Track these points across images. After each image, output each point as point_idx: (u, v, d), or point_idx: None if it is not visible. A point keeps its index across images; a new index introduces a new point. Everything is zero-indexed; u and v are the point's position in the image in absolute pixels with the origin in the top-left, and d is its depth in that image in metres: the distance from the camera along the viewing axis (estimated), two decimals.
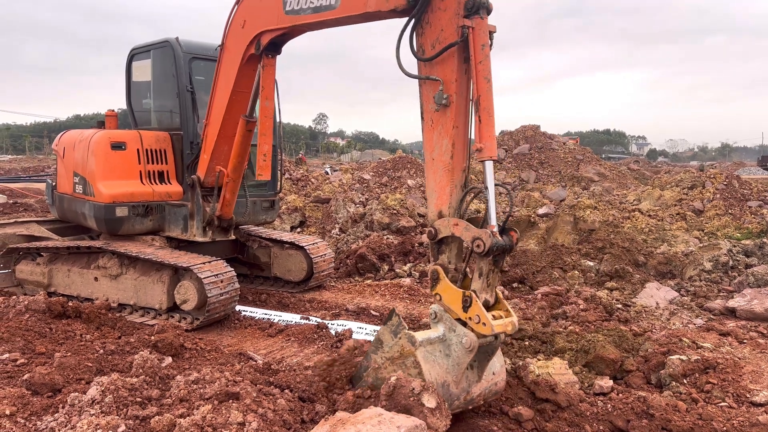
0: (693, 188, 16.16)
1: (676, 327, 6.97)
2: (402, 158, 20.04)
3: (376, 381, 4.23)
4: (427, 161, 4.37)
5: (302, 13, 5.58)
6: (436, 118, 4.24)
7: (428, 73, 4.26)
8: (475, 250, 3.95)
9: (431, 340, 4.11)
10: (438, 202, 4.30)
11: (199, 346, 5.87)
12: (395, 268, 10.02)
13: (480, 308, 3.93)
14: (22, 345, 5.35)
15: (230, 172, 7.05)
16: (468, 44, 4.04)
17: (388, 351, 4.23)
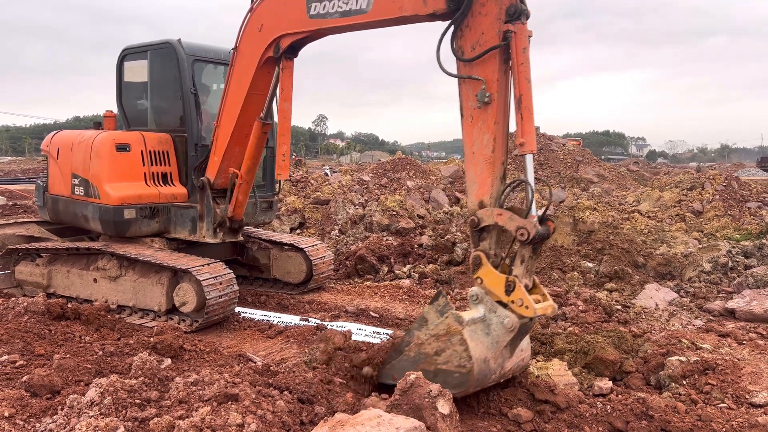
0: (692, 189, 16.17)
1: (675, 328, 6.97)
2: (401, 160, 20.03)
3: (418, 355, 4.56)
4: (467, 155, 4.67)
5: (329, 17, 5.70)
6: (477, 115, 4.55)
7: (468, 72, 4.58)
8: (519, 238, 4.27)
9: (474, 320, 4.41)
10: (479, 193, 4.59)
11: (199, 348, 5.87)
12: (395, 269, 10.02)
13: (523, 292, 4.27)
14: (21, 346, 5.35)
15: (244, 174, 7.12)
16: (509, 47, 4.35)
17: (434, 328, 4.49)
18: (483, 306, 4.45)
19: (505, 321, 4.34)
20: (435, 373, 4.41)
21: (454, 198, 17.22)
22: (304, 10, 5.88)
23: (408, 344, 4.68)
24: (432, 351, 4.47)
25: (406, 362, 4.63)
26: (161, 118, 8.10)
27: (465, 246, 10.24)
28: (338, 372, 4.95)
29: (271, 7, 6.25)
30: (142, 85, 8.17)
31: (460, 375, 4.34)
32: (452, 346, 4.37)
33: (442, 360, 4.43)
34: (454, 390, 4.23)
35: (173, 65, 7.71)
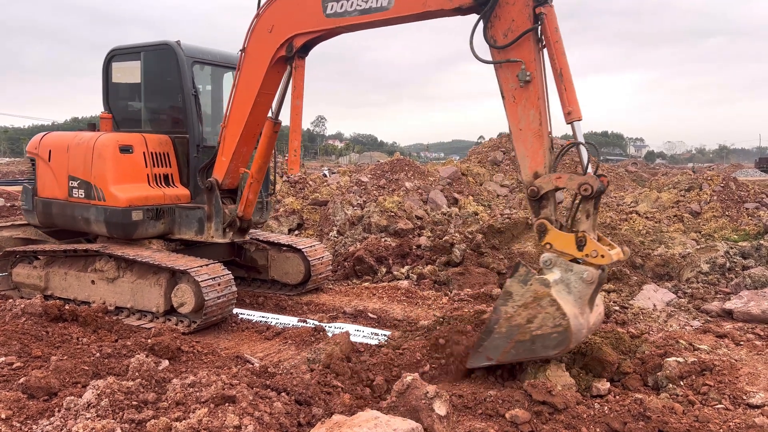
0: (690, 190, 16.18)
1: (673, 329, 6.97)
2: (400, 161, 20.02)
3: (510, 329, 4.78)
4: (514, 132, 5.00)
5: (347, 15, 5.86)
6: (519, 94, 4.92)
7: (503, 57, 4.93)
8: (582, 194, 4.70)
9: (556, 281, 4.68)
10: (532, 165, 4.93)
11: (196, 350, 5.87)
12: (393, 270, 10.02)
13: (596, 243, 4.66)
14: (18, 348, 5.35)
15: (255, 173, 7.23)
16: (539, 29, 4.79)
17: (520, 299, 4.73)
18: (558, 268, 4.73)
19: (584, 275, 4.64)
20: (532, 341, 4.67)
21: (452, 199, 17.22)
22: (320, 10, 6.03)
23: (497, 321, 4.85)
24: (524, 321, 4.70)
25: (499, 339, 4.84)
26: (157, 120, 8.10)
27: (463, 247, 10.24)
28: (338, 376, 4.96)
29: (282, 8, 6.38)
30: (134, 86, 8.11)
31: (558, 334, 4.57)
32: (543, 310, 4.61)
33: (536, 326, 4.65)
34: (555, 350, 4.61)
35: (172, 67, 7.71)
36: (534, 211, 4.98)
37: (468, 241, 10.61)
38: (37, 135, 8.27)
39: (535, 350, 4.70)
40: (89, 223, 7.45)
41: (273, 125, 7.06)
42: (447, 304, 8.07)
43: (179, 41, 7.65)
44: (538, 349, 4.65)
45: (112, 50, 8.22)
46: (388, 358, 5.44)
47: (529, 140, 4.93)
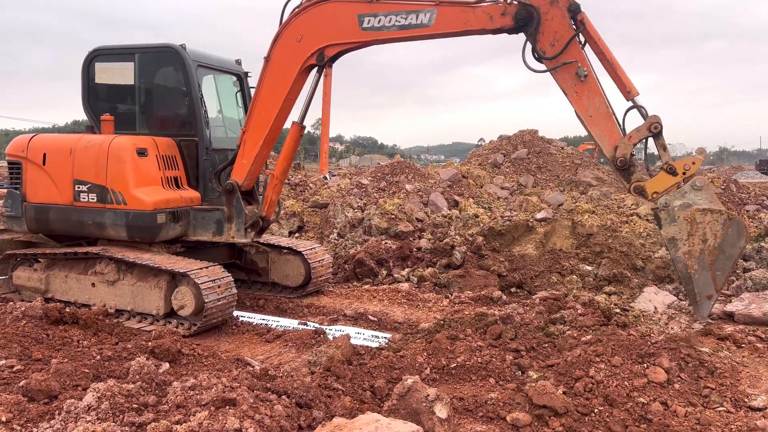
0: None
1: (674, 331, 6.96)
2: (400, 163, 20.00)
3: (700, 261, 5.35)
4: (586, 120, 5.77)
5: (385, 30, 6.25)
6: (580, 88, 5.73)
7: (555, 63, 5.74)
8: (653, 132, 5.56)
9: (688, 201, 5.40)
10: (611, 141, 5.73)
11: (197, 352, 5.87)
12: (393, 273, 10.01)
13: (683, 161, 5.57)
14: (18, 351, 5.34)
15: (279, 175, 7.50)
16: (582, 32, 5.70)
17: (682, 233, 5.37)
18: (677, 200, 5.43)
19: (696, 184, 5.40)
20: (722, 250, 5.32)
21: (452, 201, 17.21)
22: (356, 23, 6.37)
23: (687, 268, 5.42)
24: (701, 244, 5.32)
25: (701, 276, 5.40)
26: (156, 122, 8.05)
27: (464, 249, 10.23)
28: (338, 379, 4.95)
29: (313, 19, 6.64)
30: (125, 88, 8.02)
31: (732, 227, 5.27)
32: (705, 222, 5.28)
33: (712, 238, 5.30)
34: (742, 239, 5.32)
35: (177, 70, 7.71)
36: (625, 179, 5.79)
37: (469, 243, 10.61)
38: (21, 137, 8.05)
39: (731, 254, 5.35)
40: (103, 227, 7.33)
41: (299, 129, 7.32)
42: (448, 306, 8.06)
43: (184, 45, 7.65)
44: (732, 251, 5.32)
45: (94, 50, 8.07)
46: (389, 361, 5.43)
47: (601, 122, 5.75)
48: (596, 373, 4.97)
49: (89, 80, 8.09)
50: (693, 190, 5.39)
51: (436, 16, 5.99)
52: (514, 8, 5.80)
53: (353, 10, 6.39)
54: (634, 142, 5.65)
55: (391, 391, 4.76)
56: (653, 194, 5.59)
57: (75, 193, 7.45)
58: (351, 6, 6.43)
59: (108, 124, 7.71)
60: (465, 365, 5.40)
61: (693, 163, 5.50)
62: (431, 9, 6.03)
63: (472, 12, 5.93)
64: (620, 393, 4.68)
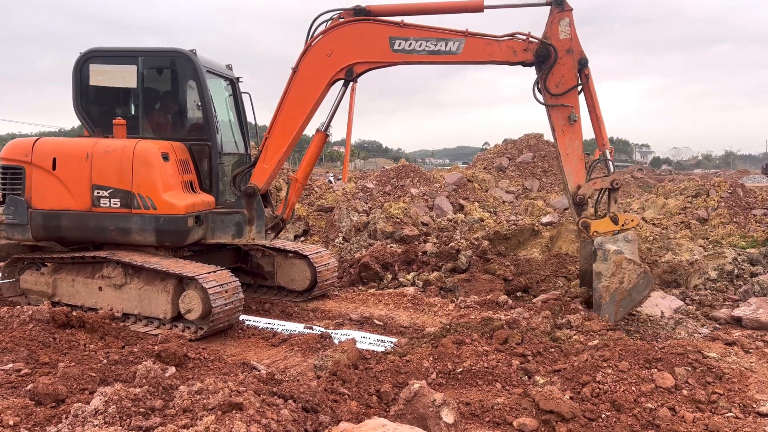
0: (697, 196, 16.11)
1: (681, 336, 6.93)
2: (405, 167, 20.03)
3: (612, 296, 6.62)
4: (563, 156, 6.87)
5: (414, 54, 6.84)
6: (567, 129, 6.80)
7: (553, 102, 6.81)
8: (614, 187, 6.81)
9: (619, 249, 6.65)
10: (576, 180, 6.88)
11: (203, 356, 5.87)
12: (399, 277, 10.00)
13: (625, 215, 6.78)
14: (26, 355, 5.36)
15: (301, 179, 7.92)
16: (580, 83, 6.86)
17: (607, 272, 6.59)
18: (608, 243, 6.65)
19: (628, 236, 6.69)
20: (629, 293, 6.59)
21: (458, 205, 17.20)
22: (387, 45, 6.90)
23: (600, 297, 6.68)
24: (617, 284, 6.55)
25: (608, 307, 6.63)
26: (161, 126, 8.06)
27: (469, 254, 10.22)
28: (345, 383, 4.95)
29: (344, 36, 7.06)
30: (123, 91, 7.98)
31: (643, 279, 6.58)
32: (626, 269, 6.53)
33: (626, 282, 6.54)
34: (645, 291, 6.66)
35: (187, 75, 7.74)
36: (577, 213, 6.88)
37: (474, 247, 10.59)
38: (21, 140, 7.88)
39: (635, 298, 6.69)
40: (128, 233, 7.29)
41: (324, 137, 7.71)
42: (453, 311, 8.05)
43: (195, 50, 7.67)
44: (636, 296, 6.66)
45: (89, 51, 7.87)
46: (395, 366, 5.42)
47: (574, 162, 6.83)
48: (603, 378, 4.95)
49: (82, 82, 7.89)
50: (624, 241, 6.67)
51: (464, 46, 6.67)
52: (536, 46, 6.69)
53: (385, 32, 6.89)
54: (596, 188, 6.86)
55: (397, 396, 4.75)
56: (594, 232, 6.74)
57: (93, 199, 7.34)
58: (383, 28, 6.91)
59: (121, 128, 7.58)
60: (471, 370, 5.38)
61: (632, 220, 6.85)
62: (460, 39, 6.70)
63: (497, 45, 6.71)
64: (627, 398, 4.66)
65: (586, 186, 6.82)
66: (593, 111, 6.77)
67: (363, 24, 6.97)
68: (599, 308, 6.68)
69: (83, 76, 7.89)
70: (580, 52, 6.69)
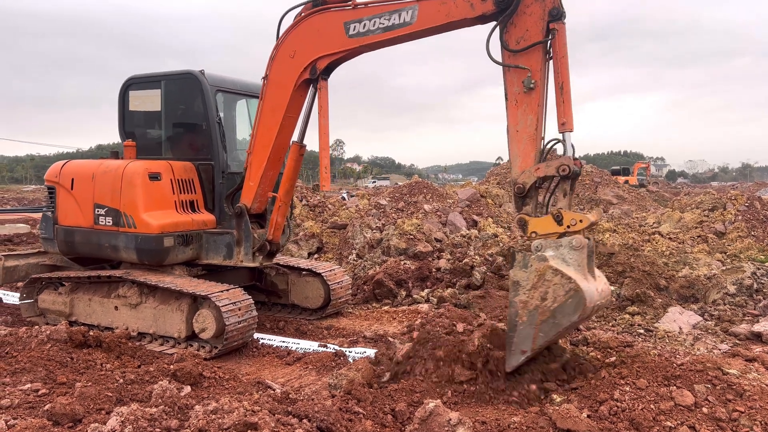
0: (714, 210, 15.94)
1: (700, 352, 6.82)
2: (418, 183, 20.06)
3: (530, 315, 4.95)
4: (512, 133, 5.37)
5: (370, 34, 6.17)
6: (521, 99, 5.31)
7: (513, 62, 5.34)
8: (561, 174, 5.08)
9: (552, 256, 4.96)
10: (522, 165, 5.33)
11: (218, 375, 5.88)
12: (413, 293, 9.98)
13: (572, 213, 5.02)
14: (44, 375, 5.41)
15: (282, 196, 7.44)
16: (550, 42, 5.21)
17: (527, 283, 4.98)
18: (549, 249, 5.00)
19: (573, 243, 4.94)
20: (553, 316, 4.87)
21: (471, 221, 17.17)
22: (342, 32, 6.32)
23: (516, 314, 5.03)
24: (539, 300, 4.90)
25: (524, 329, 4.98)
26: (179, 147, 8.20)
27: (483, 270, 10.17)
28: (359, 402, 4.93)
29: (304, 33, 6.64)
30: (153, 114, 8.25)
31: (572, 299, 4.80)
32: (551, 282, 4.86)
33: (551, 300, 4.86)
34: (575, 315, 4.81)
35: (196, 95, 7.86)
36: (517, 207, 5.43)
37: (488, 263, 10.55)
38: (57, 163, 8.35)
39: (560, 323, 4.87)
40: (117, 250, 7.49)
41: (299, 148, 7.28)
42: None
43: (203, 70, 7.80)
44: (562, 321, 4.83)
45: (129, 78, 8.37)
46: (410, 384, 5.39)
47: (523, 142, 5.33)
48: (621, 395, 4.89)
49: (124, 107, 8.38)
50: (568, 247, 4.97)
51: (417, 13, 5.87)
52: None
53: (339, 19, 6.37)
54: (539, 176, 5.21)
55: (412, 415, 4.72)
56: (532, 233, 5.22)
57: (95, 217, 7.65)
58: (336, 15, 6.40)
59: (130, 150, 7.91)
60: None
61: (581, 221, 4.98)
62: (412, 6, 5.92)
63: (453, 2, 5.70)
64: (646, 416, 4.59)
65: (527, 172, 5.26)
66: (557, 78, 5.20)
67: (318, 15, 6.52)
68: (513, 328, 5.09)
69: (125, 102, 8.37)
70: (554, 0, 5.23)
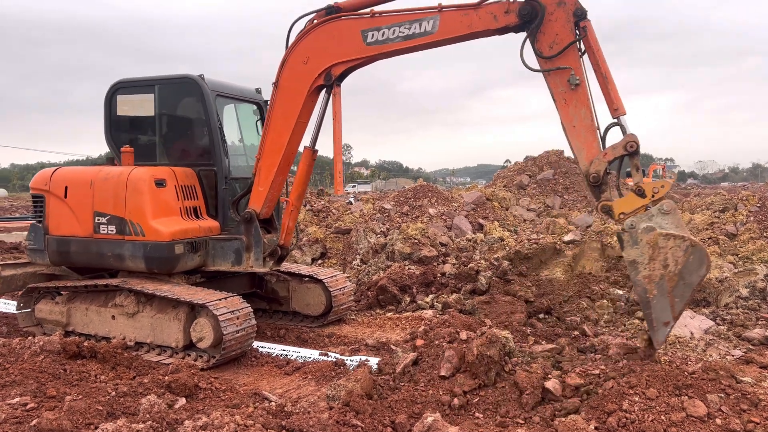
0: (725, 211, 15.66)
1: (712, 359, 6.60)
2: (423, 187, 19.87)
3: (659, 287, 5.10)
4: (569, 129, 5.64)
5: (389, 42, 6.22)
6: (569, 96, 5.60)
7: (550, 66, 5.63)
8: (629, 150, 5.37)
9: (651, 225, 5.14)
10: (588, 155, 5.57)
11: (214, 386, 5.74)
12: (417, 299, 9.79)
13: (651, 183, 5.32)
14: (34, 388, 5.28)
15: (294, 201, 7.43)
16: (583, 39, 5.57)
17: (644, 258, 5.11)
18: (642, 222, 5.17)
19: (663, 208, 5.17)
20: (681, 277, 5.05)
21: (477, 225, 16.97)
22: (360, 39, 6.36)
23: (646, 292, 5.17)
24: (661, 269, 5.05)
25: (659, 301, 5.13)
26: (175, 153, 8.05)
27: (489, 274, 9.98)
28: (358, 414, 4.76)
29: (317, 39, 6.65)
30: (145, 119, 8.06)
31: (693, 254, 5.02)
32: (667, 247, 5.03)
33: (672, 264, 5.04)
34: (702, 269, 5.05)
35: (196, 100, 7.73)
36: (595, 196, 5.61)
37: (494, 268, 10.36)
38: (45, 170, 8.10)
39: (690, 282, 5.08)
40: (122, 259, 7.30)
41: (312, 153, 7.24)
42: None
43: (203, 75, 7.68)
44: (692, 279, 5.05)
45: (117, 83, 8.14)
46: (411, 395, 5.21)
47: (582, 134, 5.59)
48: (630, 406, 4.70)
49: (111, 112, 8.16)
50: (660, 214, 5.18)
51: (439, 23, 5.95)
52: (518, 5, 5.69)
53: (356, 27, 6.38)
54: (609, 159, 5.50)
55: (413, 427, 4.55)
56: (620, 215, 5.39)
57: (95, 226, 7.44)
58: (354, 23, 6.42)
59: (128, 156, 7.72)
60: (490, 398, 5.15)
61: (662, 186, 5.31)
62: (434, 16, 5.99)
63: (475, 13, 5.84)
64: (657, 428, 4.40)
65: (598, 161, 5.48)
66: (598, 70, 5.53)
67: (334, 23, 6.53)
68: (648, 305, 5.22)
69: (112, 107, 8.15)
70: (574, 2, 5.54)
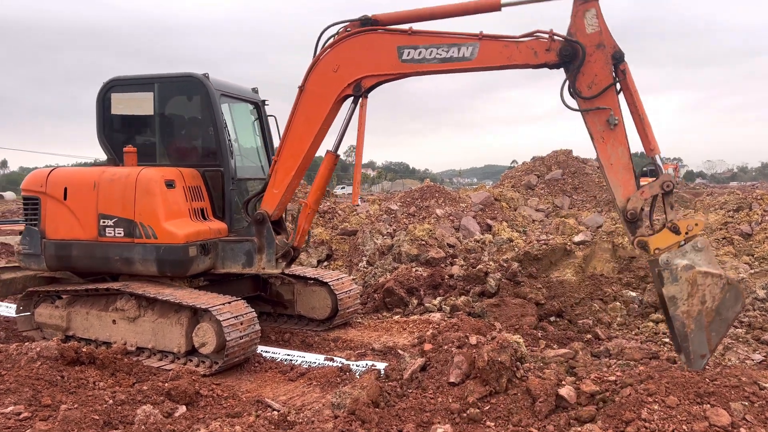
0: (739, 210, 15.36)
1: (732, 363, 6.36)
2: (430, 187, 19.66)
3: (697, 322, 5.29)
4: (606, 167, 5.78)
5: (425, 63, 6.23)
6: (607, 135, 5.72)
7: (588, 106, 5.75)
8: (665, 190, 5.54)
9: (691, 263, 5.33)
10: (625, 192, 5.71)
11: (216, 393, 5.56)
12: (424, 302, 9.59)
13: (685, 221, 5.50)
14: (29, 396, 5.10)
15: (312, 204, 7.36)
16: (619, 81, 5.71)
17: (683, 294, 5.29)
18: (677, 259, 5.35)
19: (698, 245, 5.37)
20: (718, 313, 5.28)
21: (485, 225, 16.74)
22: (395, 55, 6.31)
23: (684, 326, 5.35)
24: (699, 305, 5.25)
25: (697, 335, 5.32)
26: (177, 153, 7.87)
27: (498, 276, 9.76)
28: (363, 424, 4.56)
29: (350, 50, 6.61)
30: (142, 119, 7.87)
31: (730, 292, 5.25)
32: (705, 285, 5.24)
33: (710, 300, 5.25)
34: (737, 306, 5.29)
35: (200, 99, 7.56)
36: (631, 231, 5.74)
37: (503, 269, 10.14)
38: (40, 171, 7.85)
39: (727, 317, 5.32)
40: (131, 263, 7.09)
41: (334, 158, 7.18)
42: None
43: (207, 74, 7.51)
44: (728, 314, 5.30)
45: (111, 80, 7.87)
46: (419, 403, 5.01)
47: (620, 172, 5.72)
48: (649, 415, 4.49)
49: (105, 111, 7.90)
50: (693, 251, 5.41)
51: (478, 51, 6.02)
52: (559, 45, 5.83)
53: (393, 42, 6.35)
54: (646, 197, 5.70)
55: None
56: (655, 250, 5.56)
57: (100, 228, 7.20)
58: (390, 37, 6.39)
59: (131, 156, 7.50)
60: (501, 406, 4.94)
61: (696, 224, 5.51)
62: (474, 43, 6.04)
63: (516, 47, 5.95)
64: None
65: (635, 198, 5.68)
66: (635, 111, 5.74)
67: (369, 35, 6.51)
68: (685, 339, 5.41)
69: (106, 106, 7.89)
70: (613, 45, 5.71)
